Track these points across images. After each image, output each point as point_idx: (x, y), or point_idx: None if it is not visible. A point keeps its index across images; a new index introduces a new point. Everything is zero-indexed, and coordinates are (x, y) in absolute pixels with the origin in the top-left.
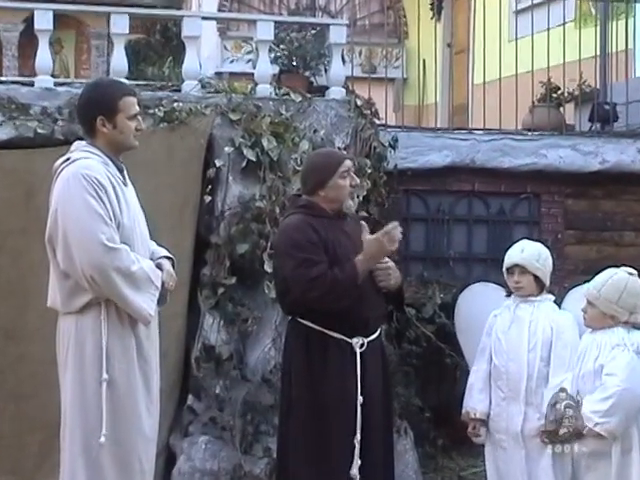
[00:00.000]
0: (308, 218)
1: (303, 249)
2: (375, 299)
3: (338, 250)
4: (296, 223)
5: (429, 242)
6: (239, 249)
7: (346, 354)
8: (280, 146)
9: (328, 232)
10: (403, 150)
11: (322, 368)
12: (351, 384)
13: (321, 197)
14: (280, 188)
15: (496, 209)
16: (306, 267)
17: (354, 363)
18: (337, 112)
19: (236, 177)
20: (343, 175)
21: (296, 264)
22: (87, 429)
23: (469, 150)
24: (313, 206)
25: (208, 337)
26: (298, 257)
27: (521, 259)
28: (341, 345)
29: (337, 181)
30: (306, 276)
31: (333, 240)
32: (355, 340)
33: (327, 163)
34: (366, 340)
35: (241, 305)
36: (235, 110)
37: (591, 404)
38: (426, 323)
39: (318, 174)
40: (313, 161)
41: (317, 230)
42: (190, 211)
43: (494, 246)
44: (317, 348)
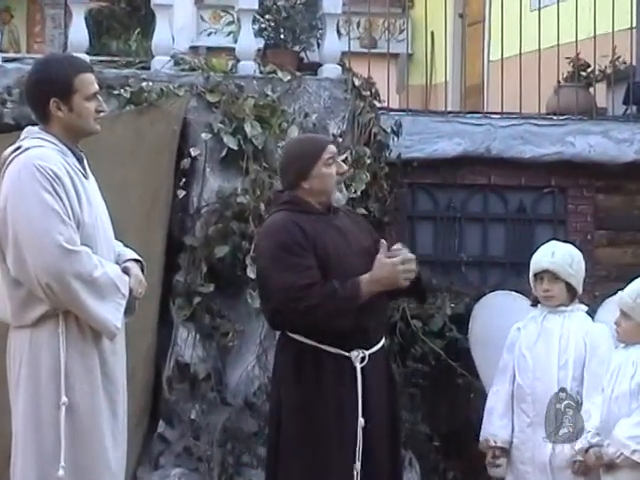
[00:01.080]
0: (293, 215)
1: (290, 251)
2: (375, 303)
3: (330, 249)
4: (280, 222)
5: (438, 244)
6: (218, 252)
7: (344, 370)
8: (265, 132)
9: (317, 230)
10: (408, 137)
11: (316, 387)
12: (351, 405)
13: (305, 190)
14: (266, 181)
15: (515, 206)
16: (294, 273)
17: (354, 380)
18: (331, 93)
19: (214, 168)
20: (328, 162)
21: (282, 268)
22: (42, 460)
23: (484, 137)
24: (298, 201)
25: (182, 354)
26: (284, 261)
27: (552, 264)
28: (338, 360)
29: (321, 170)
30: (294, 284)
31: (324, 238)
32: (354, 353)
33: (308, 150)
34: (367, 353)
35: (220, 316)
36: (213, 91)
37: (627, 429)
38: (434, 338)
39: (299, 163)
40: (292, 149)
41: (304, 229)
42: (161, 208)
43: (513, 248)
44: (310, 365)
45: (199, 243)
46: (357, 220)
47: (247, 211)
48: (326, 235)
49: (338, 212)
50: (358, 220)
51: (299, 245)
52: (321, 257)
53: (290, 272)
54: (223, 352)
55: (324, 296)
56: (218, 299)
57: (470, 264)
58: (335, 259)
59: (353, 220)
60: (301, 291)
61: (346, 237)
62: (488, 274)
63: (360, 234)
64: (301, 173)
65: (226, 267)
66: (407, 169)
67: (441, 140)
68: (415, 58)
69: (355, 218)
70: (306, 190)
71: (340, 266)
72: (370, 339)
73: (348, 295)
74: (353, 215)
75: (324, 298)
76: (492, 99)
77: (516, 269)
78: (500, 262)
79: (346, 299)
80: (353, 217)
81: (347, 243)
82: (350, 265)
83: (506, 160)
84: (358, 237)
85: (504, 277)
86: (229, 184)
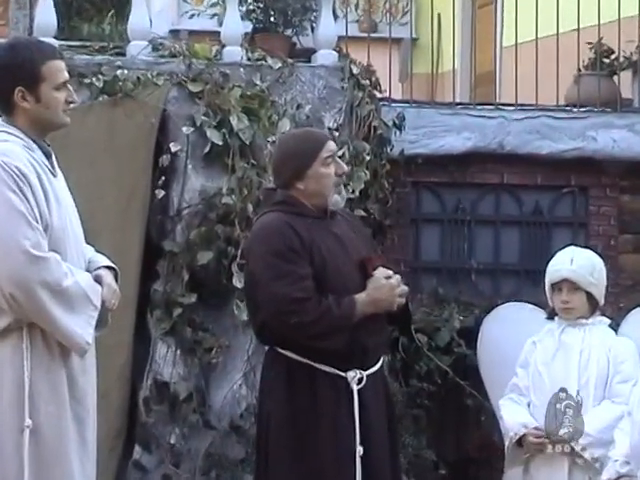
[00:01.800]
0: (288, 217)
1: (283, 258)
2: (375, 321)
3: (327, 258)
4: (273, 224)
5: (445, 249)
6: (201, 258)
7: (340, 392)
8: (254, 126)
9: (313, 235)
10: (412, 131)
11: (309, 411)
12: (347, 430)
13: (299, 191)
14: (254, 180)
15: (531, 207)
16: (288, 283)
17: (350, 403)
18: (327, 82)
19: (197, 166)
20: (326, 161)
21: (273, 276)
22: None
23: (496, 131)
24: (293, 202)
25: (161, 371)
26: (276, 268)
27: (571, 272)
28: (333, 381)
29: (318, 169)
30: (286, 296)
31: (320, 245)
32: (351, 374)
33: (305, 147)
34: (365, 374)
35: (203, 330)
36: (196, 80)
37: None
38: (441, 354)
39: (294, 162)
40: (287, 145)
41: (300, 234)
42: (137, 209)
43: (528, 255)
44: (302, 385)
45: (180, 248)
46: (356, 225)
47: (233, 213)
48: (323, 242)
49: (336, 216)
50: (357, 226)
51: (294, 251)
52: (317, 267)
53: (282, 282)
54: (206, 370)
55: (318, 313)
56: (201, 311)
57: (481, 272)
58: (332, 270)
59: (352, 226)
60: (293, 304)
61: (344, 245)
62: (500, 283)
63: (359, 242)
64: (296, 173)
65: (210, 275)
66: (411, 167)
67: (448, 134)
68: (420, 43)
69: (354, 223)
70: (300, 191)
71: (337, 278)
72: (368, 359)
73: (343, 314)
74: (352, 219)
75: (318, 315)
76: (505, 89)
77: (531, 278)
78: (514, 270)
79: (340, 318)
80: (352, 222)
81: (345, 252)
82: (348, 278)
83: (521, 157)
84: (357, 246)
85: (518, 286)
86: (213, 183)
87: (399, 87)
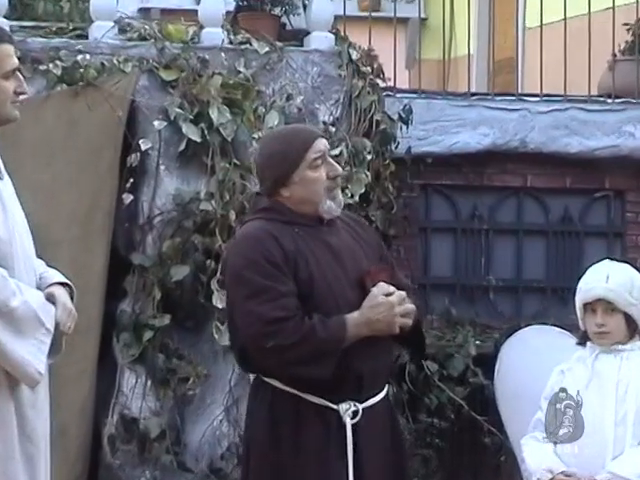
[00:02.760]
0: (271, 226)
1: (261, 272)
2: (373, 344)
3: (315, 272)
4: (252, 233)
5: (459, 263)
6: (175, 274)
7: (330, 427)
8: (237, 120)
9: (300, 246)
10: (420, 126)
11: (293, 449)
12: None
13: (285, 198)
14: (237, 183)
15: (559, 214)
16: (265, 300)
17: (342, 441)
18: (322, 69)
19: (171, 166)
20: (314, 164)
21: (249, 293)
22: None
23: (519, 126)
24: (279, 209)
25: (128, 405)
26: (252, 284)
27: (607, 291)
28: (323, 414)
29: (305, 174)
30: (262, 316)
31: (307, 257)
32: (344, 406)
33: (287, 149)
34: (361, 406)
35: (178, 357)
36: (169, 66)
37: None
38: (454, 384)
39: (276, 167)
40: (269, 147)
41: (282, 244)
42: (102, 217)
43: (556, 270)
44: (286, 419)
45: (151, 262)
46: (362, 233)
47: (213, 221)
48: (312, 254)
49: (334, 223)
50: (364, 233)
51: (274, 265)
52: (303, 283)
53: (258, 299)
54: (182, 403)
55: (299, 335)
56: (175, 334)
57: (500, 290)
58: (322, 287)
59: (356, 234)
60: (271, 325)
61: (340, 258)
62: (523, 303)
63: (363, 254)
64: (279, 179)
65: (186, 293)
66: (419, 167)
67: (463, 130)
68: (430, 24)
69: (358, 230)
70: (286, 198)
71: (327, 296)
72: (365, 389)
73: (330, 337)
74: (357, 226)
75: (299, 337)
76: (528, 77)
77: (559, 297)
78: (539, 287)
79: (326, 341)
80: (356, 229)
81: (341, 266)
82: (342, 296)
83: (547, 156)
84: (359, 258)
85: (544, 307)
86: (189, 186)
87: (405, 75)
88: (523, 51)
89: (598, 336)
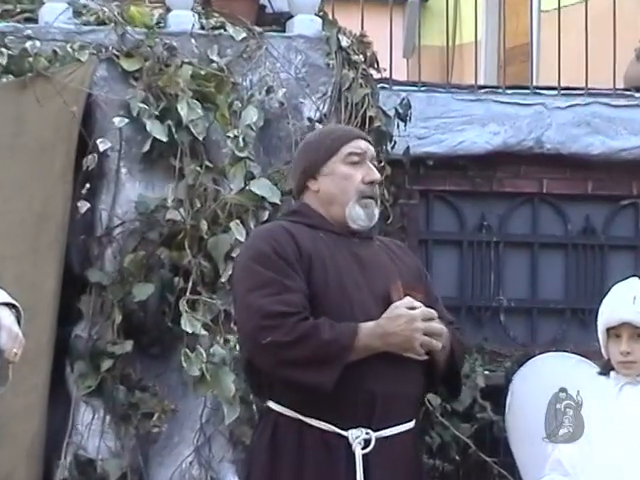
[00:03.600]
0: (294, 226)
1: (268, 265)
2: (395, 362)
3: (331, 276)
4: (267, 228)
5: (465, 281)
6: (138, 293)
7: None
8: (209, 116)
9: (319, 247)
10: (421, 124)
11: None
12: None
13: (313, 195)
14: (209, 188)
15: (579, 225)
16: (268, 294)
17: (352, 474)
18: (307, 58)
19: (133, 169)
20: (348, 159)
21: (252, 286)
22: None
23: (534, 123)
24: (307, 212)
25: (84, 445)
26: (257, 276)
27: (635, 314)
28: (328, 441)
29: (336, 166)
30: (262, 308)
31: (325, 259)
32: (354, 433)
33: (325, 139)
34: (375, 435)
35: (141, 389)
36: (132, 54)
37: None
38: (460, 421)
39: (309, 155)
40: (306, 141)
41: (299, 242)
42: (53, 229)
43: (576, 288)
44: (289, 447)
45: (110, 280)
46: (401, 256)
47: (181, 232)
48: (332, 257)
49: (371, 242)
50: (404, 256)
51: (283, 259)
52: (317, 286)
53: (261, 292)
54: (146, 442)
55: (299, 332)
56: (138, 363)
57: (512, 312)
58: (337, 293)
59: (394, 255)
60: (269, 319)
61: (367, 270)
62: (538, 327)
63: (397, 273)
64: (308, 168)
65: (150, 316)
66: (419, 170)
67: (470, 128)
68: (431, 6)
69: (400, 253)
70: (314, 195)
71: (343, 305)
72: (378, 414)
73: (334, 341)
74: (398, 249)
75: (298, 335)
76: (544, 68)
77: (580, 319)
78: (556, 309)
79: (329, 345)
80: (397, 252)
81: (366, 278)
82: (360, 307)
83: (565, 158)
84: (389, 275)
85: (562, 331)
86: (155, 192)
87: (403, 64)
88: (538, 37)
89: (623, 365)
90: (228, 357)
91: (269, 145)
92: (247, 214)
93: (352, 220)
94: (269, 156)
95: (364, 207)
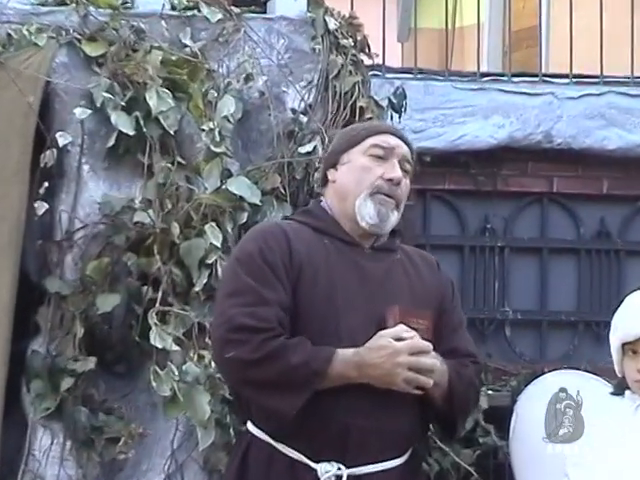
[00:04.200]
0: (294, 226)
1: (250, 270)
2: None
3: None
4: (263, 226)
5: (466, 291)
6: (102, 304)
7: None
8: (181, 107)
9: (316, 252)
10: (417, 115)
11: None
12: None
13: (330, 188)
14: (181, 188)
15: (593, 228)
16: (242, 303)
17: None
18: (290, 42)
19: (97, 167)
20: (371, 151)
21: (229, 291)
22: None
23: (543, 115)
24: (317, 212)
25: (42, 473)
26: (236, 280)
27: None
28: (297, 473)
29: (356, 157)
30: (232, 319)
31: (318, 269)
32: (324, 467)
33: (352, 131)
34: (347, 472)
35: (106, 412)
36: (95, 38)
37: None
38: (460, 446)
39: (333, 145)
40: (339, 132)
41: (293, 244)
42: (7, 232)
43: (589, 298)
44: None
45: (71, 290)
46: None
47: (151, 237)
48: (327, 266)
49: (390, 254)
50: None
51: (268, 263)
52: (303, 297)
53: (235, 300)
54: (110, 470)
55: (265, 351)
56: (102, 382)
57: (519, 324)
58: (324, 309)
59: (415, 272)
60: (235, 333)
61: (368, 285)
62: (548, 341)
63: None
64: (330, 157)
65: (116, 329)
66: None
67: (471, 120)
68: None
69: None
70: (332, 187)
71: (330, 325)
72: (357, 450)
73: (304, 365)
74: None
75: (264, 354)
76: (555, 53)
77: (594, 333)
78: (568, 321)
79: (297, 369)
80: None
81: (364, 297)
82: (349, 331)
83: (578, 153)
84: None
85: (574, 346)
86: (121, 192)
87: (398, 49)
88: (548, 19)
89: (639, 384)
90: (202, 375)
91: (248, 139)
92: (224, 216)
93: (360, 216)
94: (248, 152)
95: (377, 203)
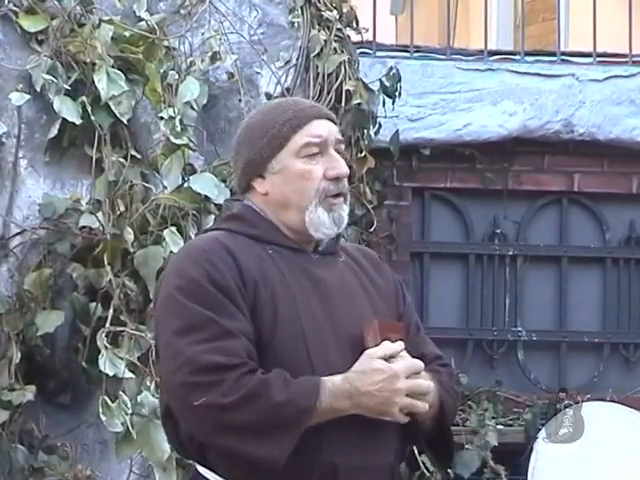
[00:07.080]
0: (233, 240)
1: (202, 299)
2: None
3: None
4: (200, 245)
5: (472, 307)
6: (42, 324)
7: None
8: (136, 91)
9: (268, 269)
10: (414, 100)
11: None
12: None
13: (261, 198)
14: (136, 186)
15: (621, 233)
16: (201, 340)
17: None
18: (265, 15)
19: (37, 161)
20: (305, 151)
21: (181, 328)
22: None
23: (561, 101)
24: (252, 218)
25: None
26: (187, 313)
27: None
28: None
29: (289, 162)
30: (195, 359)
31: (276, 288)
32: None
33: (272, 125)
34: None
35: (47, 450)
36: (34, 11)
37: None
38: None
39: (251, 144)
40: (247, 125)
41: (241, 264)
42: None
43: (616, 316)
44: None
45: (6, 307)
46: (375, 277)
47: (100, 244)
48: (284, 284)
49: (336, 255)
50: (378, 278)
51: (221, 289)
52: (264, 322)
53: (192, 337)
54: None
55: (244, 392)
56: (43, 416)
57: (534, 346)
58: (290, 334)
59: (365, 276)
60: (203, 374)
61: (329, 300)
62: (567, 366)
63: (368, 303)
64: (251, 164)
65: (59, 353)
66: (411, 162)
67: (477, 106)
68: None
69: (372, 273)
70: (262, 198)
71: (299, 351)
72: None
73: (290, 402)
74: (371, 266)
75: (243, 396)
76: (575, 29)
77: (621, 357)
78: (592, 343)
79: (283, 408)
80: (368, 270)
81: (327, 314)
82: (320, 355)
83: (602, 145)
84: (358, 307)
85: (598, 372)
86: (65, 192)
87: (391, 24)
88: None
89: None
90: None
91: (215, 129)
92: (186, 219)
93: (314, 228)
94: (215, 144)
95: (329, 210)
